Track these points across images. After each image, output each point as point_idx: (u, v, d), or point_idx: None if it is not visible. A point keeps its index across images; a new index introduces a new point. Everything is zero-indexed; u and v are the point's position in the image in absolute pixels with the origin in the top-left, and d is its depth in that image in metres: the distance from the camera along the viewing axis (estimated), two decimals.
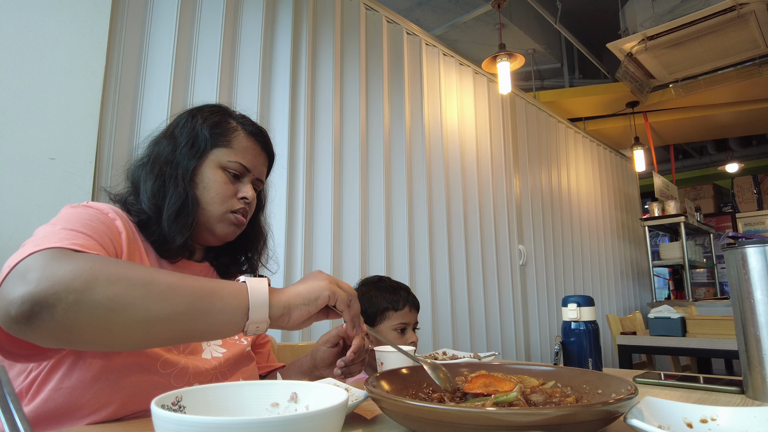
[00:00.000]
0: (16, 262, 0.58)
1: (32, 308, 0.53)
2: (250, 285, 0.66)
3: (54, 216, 0.77)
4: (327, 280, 0.71)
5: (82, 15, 1.40)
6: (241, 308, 0.64)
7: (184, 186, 0.86)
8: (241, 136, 0.92)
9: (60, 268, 0.56)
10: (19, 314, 0.53)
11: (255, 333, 0.66)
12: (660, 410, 0.56)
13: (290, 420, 0.42)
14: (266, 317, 0.65)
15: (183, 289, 0.61)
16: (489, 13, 3.57)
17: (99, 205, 0.80)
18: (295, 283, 0.71)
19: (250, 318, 0.64)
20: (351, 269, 2.07)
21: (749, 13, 3.08)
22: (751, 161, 6.91)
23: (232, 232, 0.91)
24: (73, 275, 0.55)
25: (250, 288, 0.65)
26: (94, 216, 0.76)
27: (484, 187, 2.98)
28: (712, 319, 2.41)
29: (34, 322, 0.54)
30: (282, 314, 0.66)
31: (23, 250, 0.60)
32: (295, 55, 1.99)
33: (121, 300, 0.57)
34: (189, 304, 0.61)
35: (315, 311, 0.69)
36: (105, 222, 0.76)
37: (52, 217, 0.77)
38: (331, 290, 0.70)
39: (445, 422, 0.49)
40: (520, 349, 3.06)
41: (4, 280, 0.56)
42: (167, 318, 0.60)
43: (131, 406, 0.74)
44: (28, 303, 0.53)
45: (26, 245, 0.62)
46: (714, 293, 5.80)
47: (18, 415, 0.45)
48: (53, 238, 0.63)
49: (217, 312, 0.63)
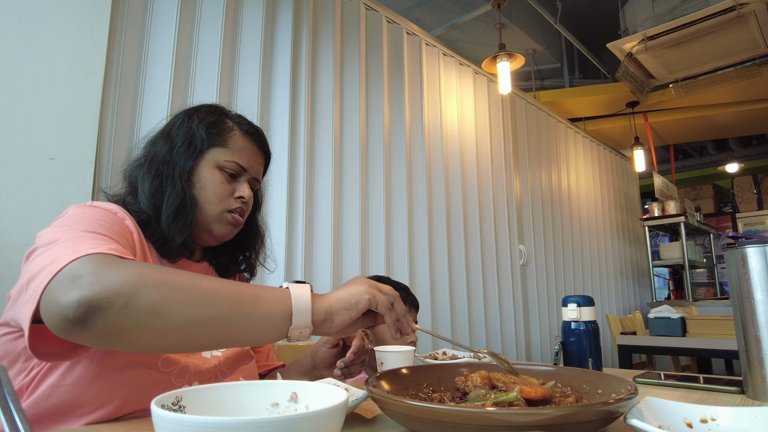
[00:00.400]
0: (60, 267, 0.58)
1: (87, 312, 0.55)
2: (293, 290, 0.66)
3: (53, 215, 0.77)
4: (366, 284, 0.71)
5: (82, 15, 1.40)
6: (285, 313, 0.64)
7: (182, 186, 0.86)
8: (238, 135, 0.93)
9: (110, 273, 0.58)
10: (75, 317, 0.55)
11: (298, 339, 0.67)
12: (660, 410, 0.56)
13: (290, 420, 0.42)
14: (309, 323, 0.65)
15: (226, 294, 0.62)
16: (489, 13, 3.57)
17: (106, 205, 0.80)
18: (336, 289, 0.72)
19: (294, 323, 0.65)
20: (351, 269, 2.07)
21: (749, 13, 3.08)
22: (751, 161, 6.91)
23: (229, 232, 0.92)
24: (122, 280, 0.57)
25: (293, 293, 0.66)
26: (107, 217, 0.76)
27: (484, 187, 2.98)
28: (712, 319, 2.41)
29: (87, 325, 0.56)
30: (324, 319, 0.67)
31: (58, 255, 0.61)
32: (295, 55, 1.99)
33: (166, 304, 0.58)
34: (232, 308, 0.62)
35: (356, 316, 0.69)
36: (117, 222, 0.77)
37: (52, 217, 0.77)
38: (371, 294, 0.69)
39: (445, 422, 0.49)
40: (520, 349, 3.06)
41: (48, 286, 0.57)
42: (210, 322, 0.61)
43: (132, 405, 0.75)
44: (84, 307, 0.55)
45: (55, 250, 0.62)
46: (714, 293, 5.80)
47: (18, 414, 0.46)
48: (88, 243, 0.63)
49: (261, 317, 0.63)
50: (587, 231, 4.14)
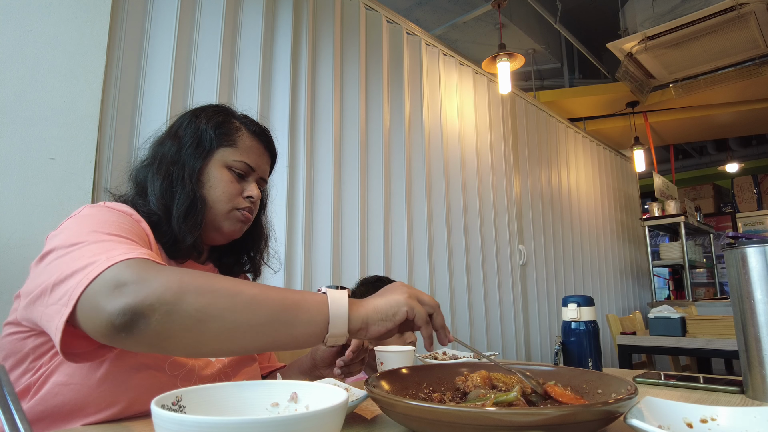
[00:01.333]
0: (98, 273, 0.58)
1: (132, 318, 0.56)
2: (331, 297, 0.66)
3: (53, 215, 0.76)
4: (406, 294, 0.69)
5: (82, 15, 1.40)
6: (323, 321, 0.64)
7: (192, 186, 0.86)
8: (245, 135, 0.93)
9: (152, 279, 0.58)
10: (121, 324, 0.56)
11: (334, 344, 0.67)
12: (660, 410, 0.56)
13: (290, 420, 0.42)
14: (345, 331, 0.65)
15: (267, 300, 0.62)
16: (489, 13, 3.57)
17: (121, 206, 0.80)
18: (375, 295, 0.70)
19: (330, 331, 0.65)
20: (350, 269, 2.07)
21: (749, 13, 3.08)
22: (751, 161, 6.91)
23: (239, 229, 0.92)
24: (164, 287, 0.57)
25: (331, 301, 0.65)
26: (125, 220, 0.76)
27: (484, 187, 2.98)
28: (712, 319, 2.41)
29: (133, 332, 0.56)
30: (360, 328, 0.66)
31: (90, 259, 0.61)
32: (295, 55, 1.99)
33: (209, 310, 0.59)
34: (273, 315, 0.62)
35: (393, 327, 0.68)
36: (133, 225, 0.77)
37: (52, 217, 0.77)
38: (410, 305, 0.68)
39: (445, 422, 0.49)
40: (520, 349, 3.06)
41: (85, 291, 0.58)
42: (252, 328, 0.61)
43: (137, 406, 0.75)
44: (129, 314, 0.56)
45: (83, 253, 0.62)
46: (714, 293, 5.80)
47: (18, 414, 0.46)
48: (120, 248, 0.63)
49: (301, 324, 0.64)
50: (587, 231, 4.14)
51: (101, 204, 0.79)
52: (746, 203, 6.58)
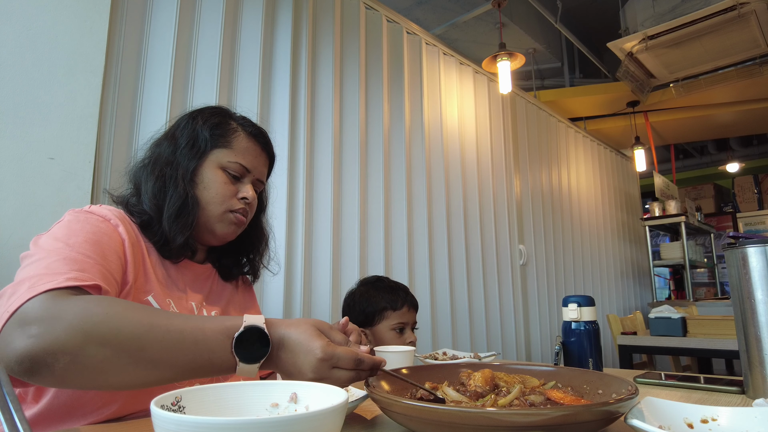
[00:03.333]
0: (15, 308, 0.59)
1: (32, 366, 0.56)
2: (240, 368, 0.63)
3: (53, 215, 0.77)
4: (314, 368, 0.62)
5: (81, 14, 1.40)
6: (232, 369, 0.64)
7: (184, 186, 0.87)
8: (242, 137, 0.93)
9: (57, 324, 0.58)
10: (20, 370, 0.57)
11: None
12: (660, 410, 0.56)
13: (290, 420, 0.42)
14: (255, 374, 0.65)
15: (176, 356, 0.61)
16: (489, 12, 3.57)
17: (101, 210, 0.80)
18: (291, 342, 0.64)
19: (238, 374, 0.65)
20: (350, 269, 2.07)
21: (749, 12, 3.08)
22: (751, 161, 6.91)
23: (232, 232, 0.92)
24: (67, 335, 0.57)
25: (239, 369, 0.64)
26: (97, 226, 0.76)
27: (484, 187, 2.97)
28: (713, 319, 2.41)
29: (34, 376, 0.57)
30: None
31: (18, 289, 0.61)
32: (295, 55, 1.99)
33: (112, 364, 0.59)
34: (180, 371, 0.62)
35: None
36: (108, 232, 0.77)
37: (51, 217, 0.78)
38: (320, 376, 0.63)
39: (445, 422, 0.49)
40: (521, 349, 3.05)
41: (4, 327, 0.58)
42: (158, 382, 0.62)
43: (134, 405, 0.75)
44: (28, 362, 0.56)
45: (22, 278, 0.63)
46: (714, 293, 5.79)
47: (18, 415, 0.45)
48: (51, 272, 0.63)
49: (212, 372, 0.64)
50: (587, 231, 4.14)
51: (85, 209, 0.79)
52: (747, 203, 6.58)
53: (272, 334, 0.64)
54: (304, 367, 0.63)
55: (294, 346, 0.64)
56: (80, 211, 0.78)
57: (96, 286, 0.66)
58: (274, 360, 0.65)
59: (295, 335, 0.64)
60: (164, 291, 0.84)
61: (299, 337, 0.64)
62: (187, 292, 0.90)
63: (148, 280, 0.82)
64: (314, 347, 0.62)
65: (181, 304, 0.86)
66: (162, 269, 0.87)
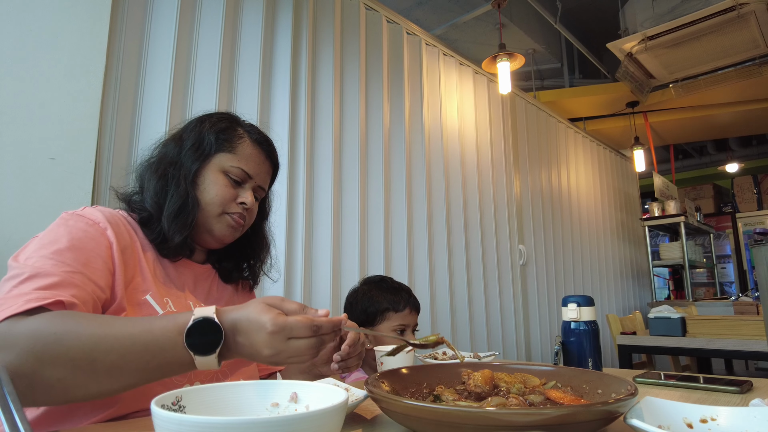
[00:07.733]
0: None
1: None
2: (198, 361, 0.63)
3: (53, 215, 0.78)
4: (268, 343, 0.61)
5: (82, 15, 1.40)
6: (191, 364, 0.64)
7: (186, 186, 0.88)
8: (247, 143, 0.95)
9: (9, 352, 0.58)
10: None
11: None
12: (660, 410, 0.56)
13: (290, 420, 0.42)
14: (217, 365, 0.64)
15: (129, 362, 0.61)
16: (489, 13, 3.57)
17: (92, 213, 0.81)
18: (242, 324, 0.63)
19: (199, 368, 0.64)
20: (350, 269, 2.07)
21: (749, 12, 3.08)
22: (751, 161, 6.91)
23: (229, 234, 0.93)
24: (20, 361, 0.58)
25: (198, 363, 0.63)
26: (84, 231, 0.77)
27: (484, 187, 2.97)
28: (712, 319, 2.41)
29: None
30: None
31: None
32: (295, 55, 1.99)
33: (70, 381, 0.60)
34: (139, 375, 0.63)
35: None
36: (94, 236, 0.77)
37: (51, 218, 0.79)
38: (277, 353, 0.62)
39: (445, 422, 0.49)
40: (521, 349, 3.06)
41: None
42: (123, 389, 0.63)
43: (134, 405, 0.75)
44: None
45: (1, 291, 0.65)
46: (714, 293, 5.79)
47: (18, 415, 0.45)
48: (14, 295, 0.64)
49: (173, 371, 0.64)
50: (587, 231, 4.14)
51: (77, 212, 0.80)
52: (746, 203, 6.58)
53: (224, 322, 0.63)
54: (258, 345, 0.61)
55: (246, 326, 0.62)
56: (71, 215, 0.79)
57: (58, 302, 0.65)
58: (233, 346, 0.64)
59: (244, 315, 0.63)
60: (162, 290, 0.85)
61: (248, 315, 0.62)
62: (185, 291, 0.90)
63: (145, 280, 0.82)
64: (263, 321, 0.61)
65: (180, 303, 0.87)
66: (161, 268, 0.88)
